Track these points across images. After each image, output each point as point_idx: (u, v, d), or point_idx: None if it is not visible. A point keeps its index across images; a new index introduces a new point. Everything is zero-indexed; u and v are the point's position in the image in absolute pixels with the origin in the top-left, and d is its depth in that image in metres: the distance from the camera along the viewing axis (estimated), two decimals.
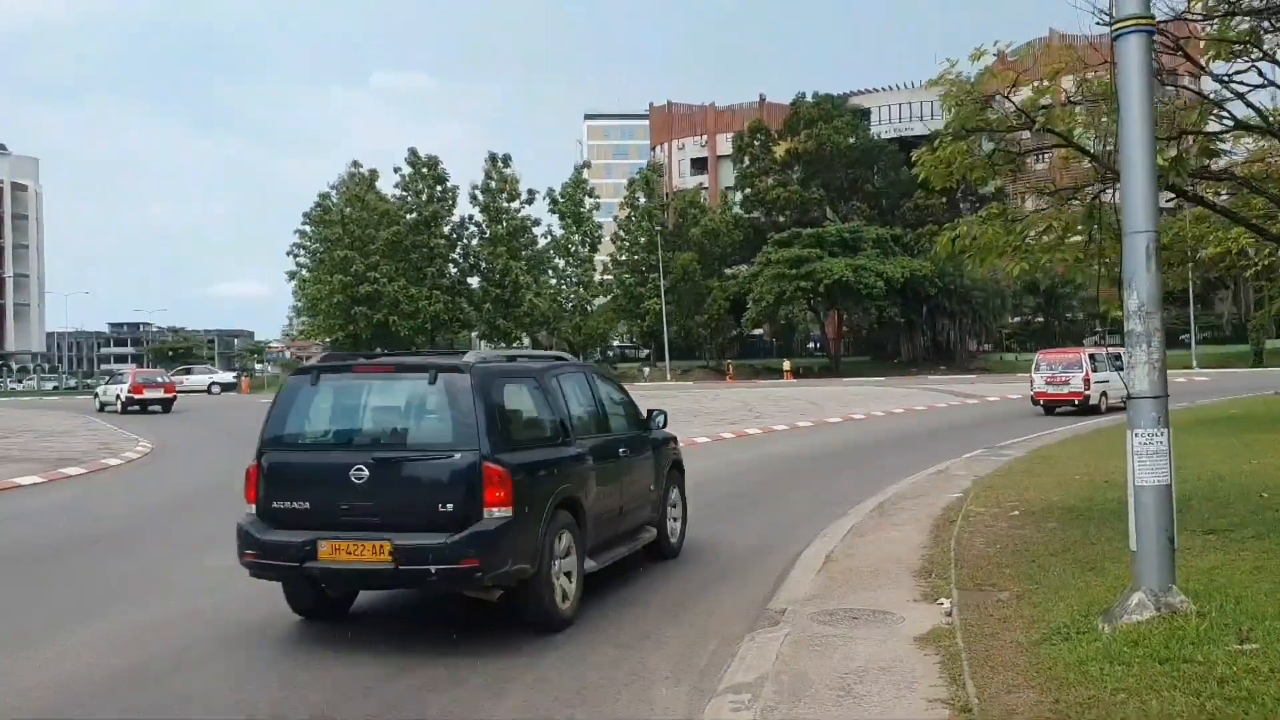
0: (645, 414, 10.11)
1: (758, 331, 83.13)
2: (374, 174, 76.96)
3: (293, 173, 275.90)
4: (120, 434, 27.81)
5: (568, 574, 7.43)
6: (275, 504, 7.19)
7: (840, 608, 7.51)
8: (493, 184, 74.72)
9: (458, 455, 6.88)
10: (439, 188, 75.24)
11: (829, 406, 31.69)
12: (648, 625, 7.60)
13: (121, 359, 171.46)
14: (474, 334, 76.84)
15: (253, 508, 7.27)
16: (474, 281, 77.23)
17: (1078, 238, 9.65)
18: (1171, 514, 5.76)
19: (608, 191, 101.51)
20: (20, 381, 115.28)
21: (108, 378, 46.83)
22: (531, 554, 6.95)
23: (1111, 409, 25.50)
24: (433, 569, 6.66)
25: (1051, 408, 28.13)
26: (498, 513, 6.75)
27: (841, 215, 73.26)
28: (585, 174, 77.53)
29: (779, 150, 77.76)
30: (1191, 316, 62.83)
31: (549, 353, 10.46)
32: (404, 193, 75.46)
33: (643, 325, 76.31)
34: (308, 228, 75.46)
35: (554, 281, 76.55)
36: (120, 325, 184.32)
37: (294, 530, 7.01)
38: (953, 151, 9.54)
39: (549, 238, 76.64)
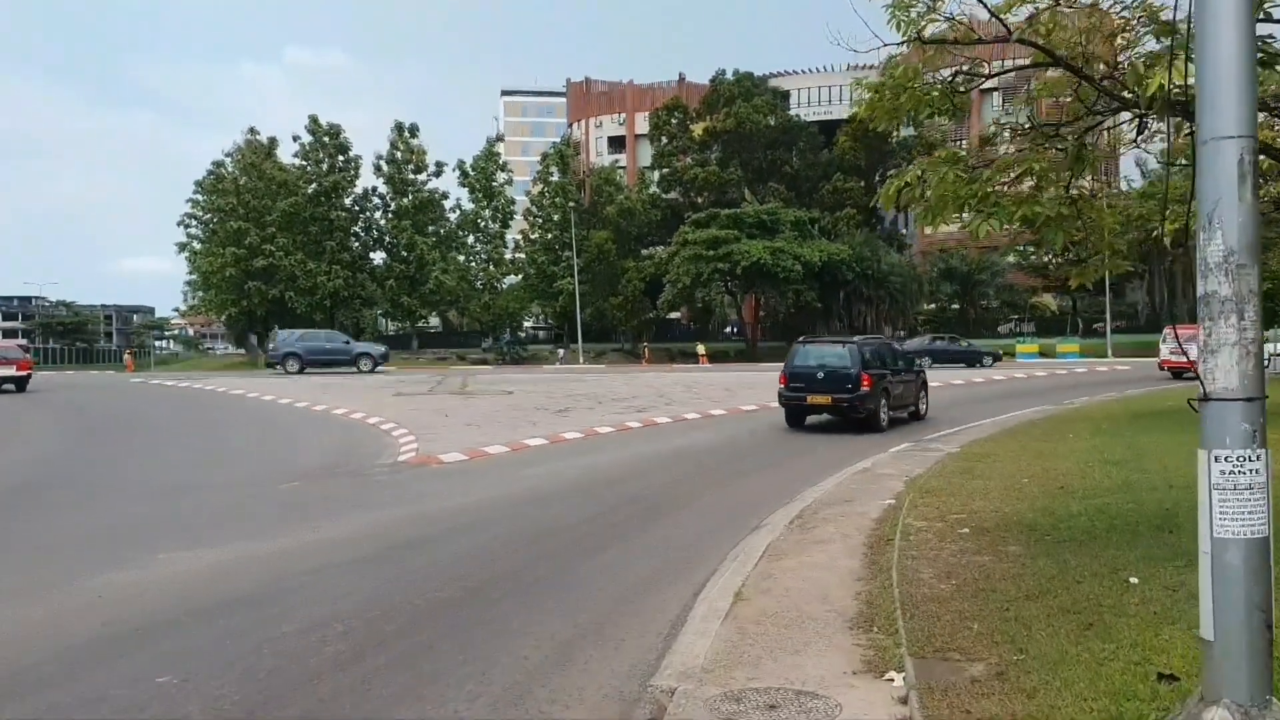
0: (915, 360, 24.80)
1: (675, 315, 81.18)
2: (273, 142, 72.99)
3: (202, 149, 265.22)
4: None
5: (884, 415, 20.24)
6: (791, 383, 20.43)
7: (751, 687, 5.36)
8: (399, 155, 71.37)
9: (852, 370, 19.71)
10: (341, 157, 71.58)
11: (744, 393, 29.74)
12: None
13: (11, 334, 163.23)
14: (378, 312, 73.47)
15: (782, 385, 20.69)
16: (378, 257, 73.86)
17: (1053, 193, 7.61)
18: (1269, 584, 3.68)
19: (524, 170, 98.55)
20: None
21: None
22: (875, 403, 19.86)
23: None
24: (845, 405, 19.77)
25: (1178, 374, 33.94)
26: (865, 389, 19.55)
27: (760, 197, 71.46)
28: (498, 147, 74.59)
29: (697, 129, 75.74)
30: (1107, 304, 62.60)
31: (878, 336, 27.19)
32: (304, 162, 71.63)
33: (556, 306, 73.78)
34: (200, 197, 71.23)
35: (463, 259, 73.50)
36: (10, 299, 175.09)
37: (796, 391, 20.28)
38: (903, 75, 7.44)
39: (458, 213, 73.62)
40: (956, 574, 7.54)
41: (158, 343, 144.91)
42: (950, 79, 7.62)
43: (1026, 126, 7.86)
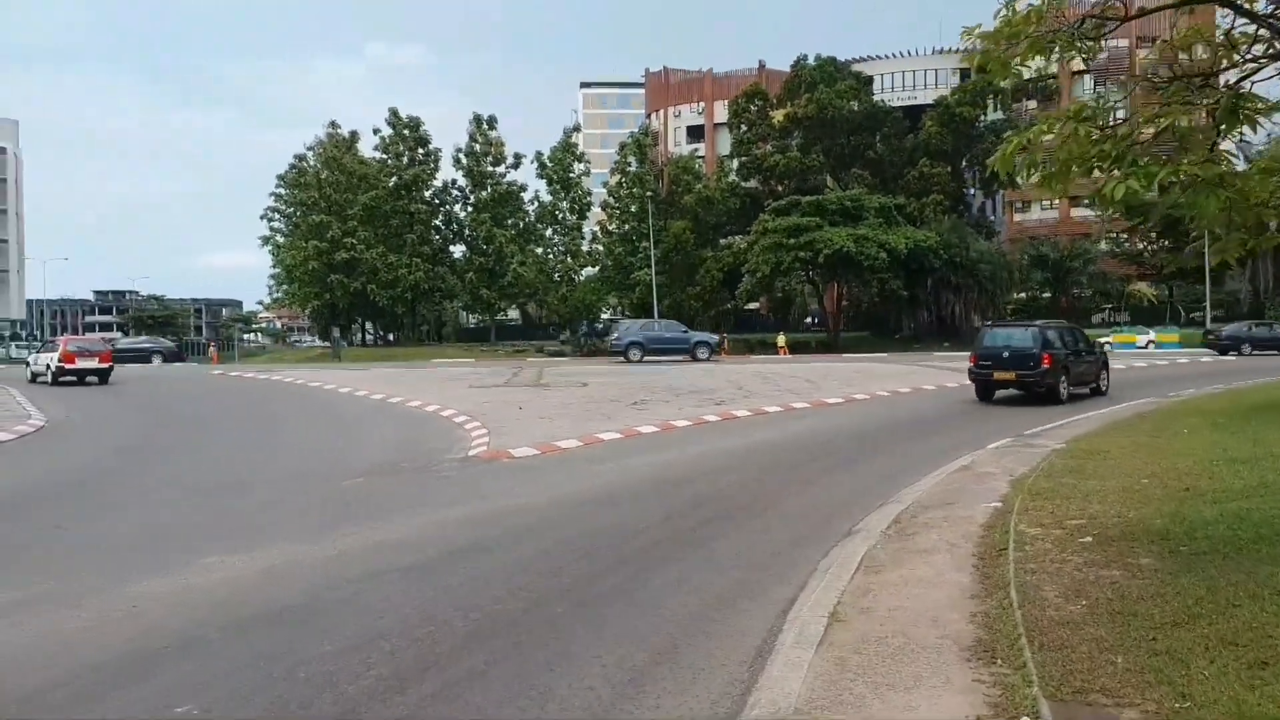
0: (1094, 342, 26.66)
1: (753, 305, 79.89)
2: (354, 136, 73.74)
3: (285, 146, 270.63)
4: (18, 408, 24.72)
5: (1064, 389, 22.98)
6: (980, 361, 23.48)
7: None
8: (477, 147, 71.36)
9: (1034, 350, 22.67)
10: (421, 150, 71.89)
11: (828, 385, 28.61)
12: None
13: (106, 327, 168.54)
14: (458, 305, 73.68)
15: (972, 364, 23.83)
16: (458, 250, 74.01)
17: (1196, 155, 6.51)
18: None
19: (603, 162, 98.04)
20: None
21: (39, 345, 43.63)
22: (1055, 379, 22.59)
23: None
24: (1028, 381, 22.65)
25: None
26: (1046, 366, 22.38)
27: (842, 183, 69.82)
28: (576, 138, 74.07)
29: (777, 116, 74.27)
30: (1207, 293, 59.74)
31: (1059, 321, 28.49)
32: (384, 155, 72.08)
33: (633, 297, 73.04)
34: (282, 191, 72.18)
35: (540, 251, 73.25)
36: (105, 293, 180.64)
37: (984, 368, 23.29)
38: (1022, 20, 6.43)
39: (536, 205, 73.36)
40: (1085, 592, 6.54)
41: (245, 336, 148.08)
42: (1079, 22, 6.56)
43: (1166, 78, 6.75)
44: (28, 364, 36.03)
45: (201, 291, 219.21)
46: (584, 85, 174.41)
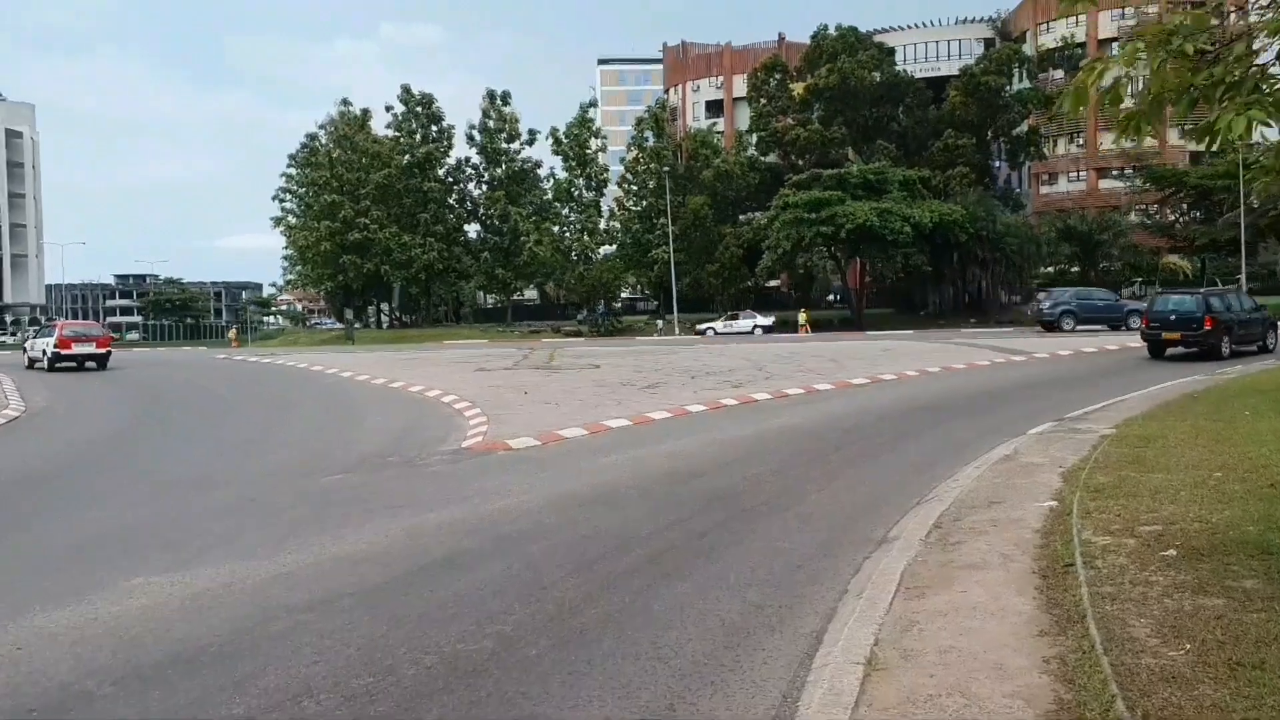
0: (1258, 305, 29.20)
1: (774, 282, 78.31)
2: (366, 114, 72.48)
3: (301, 126, 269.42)
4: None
5: (1226, 348, 26.01)
6: (1150, 324, 26.90)
7: None
8: (491, 123, 69.99)
9: (1197, 313, 25.74)
10: (434, 128, 70.61)
11: (852, 365, 27.25)
12: None
13: (127, 311, 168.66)
14: (473, 285, 72.54)
15: (1143, 325, 27.54)
16: (472, 229, 72.79)
17: None
18: None
19: (622, 140, 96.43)
20: (13, 335, 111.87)
21: (35, 330, 42.78)
22: (1216, 339, 25.74)
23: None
24: (1191, 339, 25.82)
25: None
26: (1208, 328, 25.45)
27: (865, 157, 68.04)
28: (592, 113, 72.51)
29: (797, 89, 72.45)
30: (1243, 265, 57.77)
31: (1229, 286, 38.30)
32: (396, 134, 70.84)
33: (651, 275, 71.69)
34: (294, 170, 71.11)
35: (557, 229, 71.85)
36: (126, 278, 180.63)
37: (1154, 329, 26.55)
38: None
39: (552, 181, 71.97)
40: (1186, 630, 5.23)
41: (266, 318, 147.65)
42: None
43: None
44: (25, 349, 35.16)
45: (222, 274, 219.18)
46: (601, 62, 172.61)
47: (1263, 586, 5.87)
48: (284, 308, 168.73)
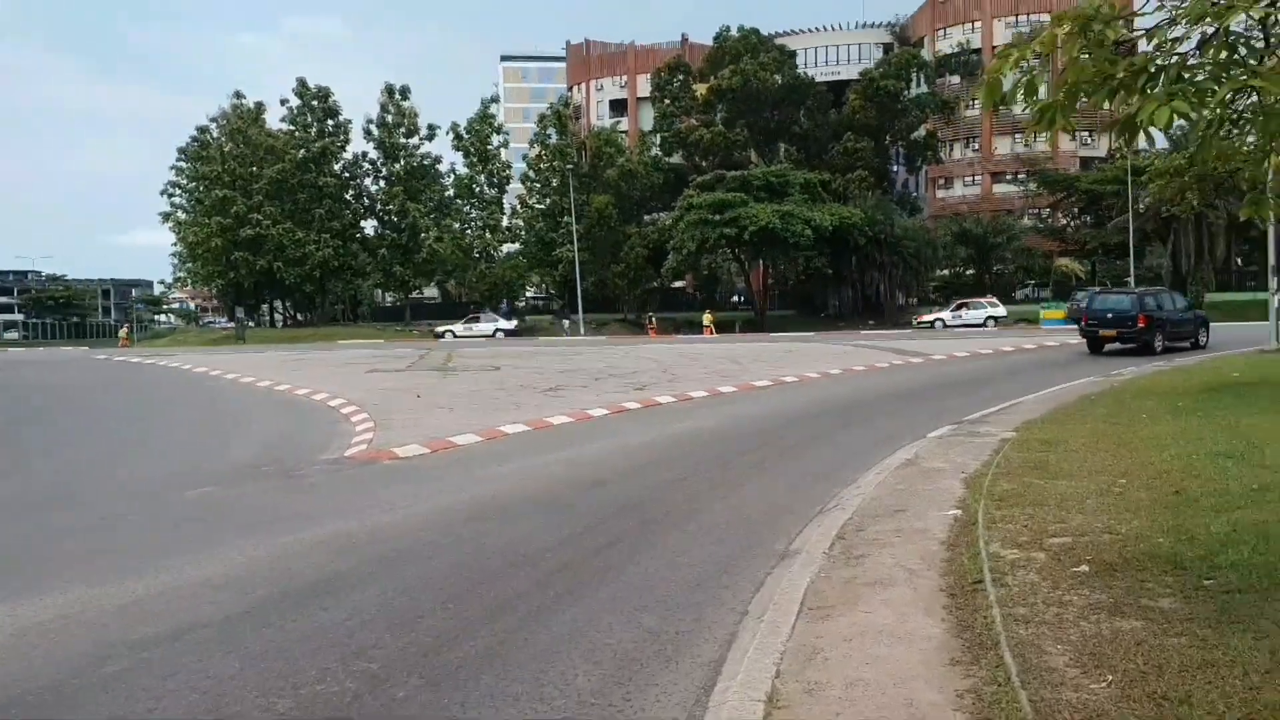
0: (1191, 305, 33.25)
1: (680, 284, 78.30)
2: (260, 107, 70.13)
3: (202, 121, 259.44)
4: None
5: (1159, 344, 27.75)
6: (1089, 321, 28.75)
7: None
8: (389, 118, 68.34)
9: (1131, 312, 27.68)
10: (330, 122, 68.68)
11: (755, 367, 27.06)
12: None
13: (6, 309, 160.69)
14: (369, 283, 70.75)
15: (1082, 323, 29.35)
16: (370, 226, 71.04)
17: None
18: None
19: (526, 137, 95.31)
20: None
21: None
22: (1150, 336, 27.49)
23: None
24: (1126, 336, 27.70)
25: None
26: (1142, 325, 27.39)
27: (767, 159, 68.47)
28: (494, 109, 71.40)
29: (700, 89, 72.52)
30: (1132, 268, 59.65)
31: (1158, 287, 37.08)
32: (291, 127, 68.72)
33: (555, 275, 70.93)
34: (184, 165, 68.39)
35: (457, 226, 70.47)
36: (5, 274, 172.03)
37: (1093, 326, 28.56)
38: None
39: (452, 177, 70.63)
40: (1105, 658, 4.89)
41: (158, 317, 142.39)
42: None
43: None
44: None
45: (115, 272, 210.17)
46: (504, 59, 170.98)
47: (1180, 606, 5.59)
48: (177, 306, 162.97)
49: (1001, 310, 57.49)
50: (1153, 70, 4.53)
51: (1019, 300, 70.67)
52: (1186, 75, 4.50)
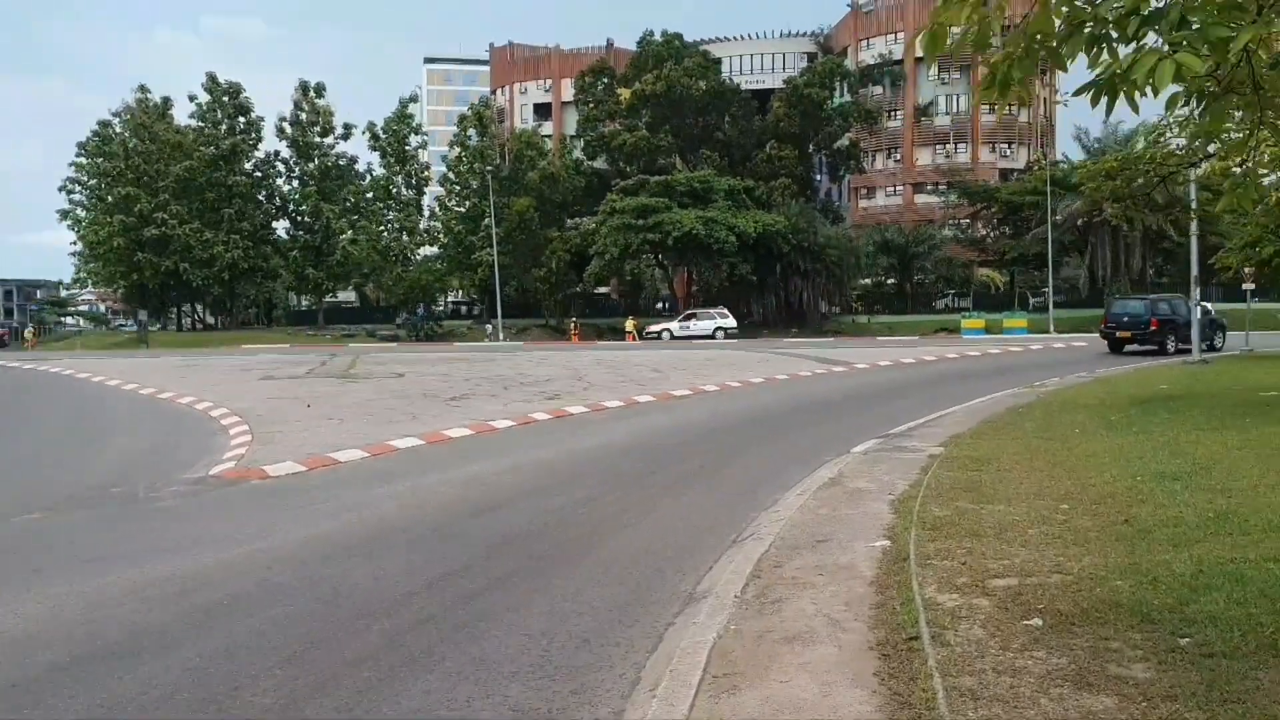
0: (1208, 310, 32.28)
1: (604, 289, 77.13)
2: (167, 102, 67.40)
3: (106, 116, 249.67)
4: None
5: (1171, 345, 31.04)
6: (1108, 324, 32.63)
7: None
8: (303, 116, 66.10)
9: (1145, 316, 31.60)
10: (241, 119, 66.19)
11: (675, 375, 26.05)
12: None
13: None
14: (281, 285, 68.27)
15: (1103, 325, 33.14)
16: (281, 227, 68.67)
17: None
18: None
19: (449, 139, 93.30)
20: None
21: None
22: (1161, 337, 31.24)
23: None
24: (1141, 337, 31.41)
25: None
26: (1154, 328, 31.24)
27: (691, 165, 67.64)
28: (413, 108, 69.52)
29: (624, 94, 71.52)
30: (1050, 279, 60.17)
31: (1172, 294, 37.00)
32: (200, 124, 66.09)
33: (475, 279, 69.23)
34: (84, 160, 65.26)
35: (375, 228, 68.34)
36: None
37: (1111, 328, 32.43)
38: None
39: (369, 178, 68.54)
40: None
41: (65, 319, 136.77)
42: None
43: None
44: None
45: (20, 272, 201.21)
46: (428, 61, 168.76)
47: (1156, 676, 4.61)
48: (86, 308, 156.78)
49: (731, 321, 57.11)
50: (1147, 13, 3.52)
51: (940, 310, 71.00)
52: (1196, 20, 3.50)
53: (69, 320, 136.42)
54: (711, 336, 54.92)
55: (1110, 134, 67.46)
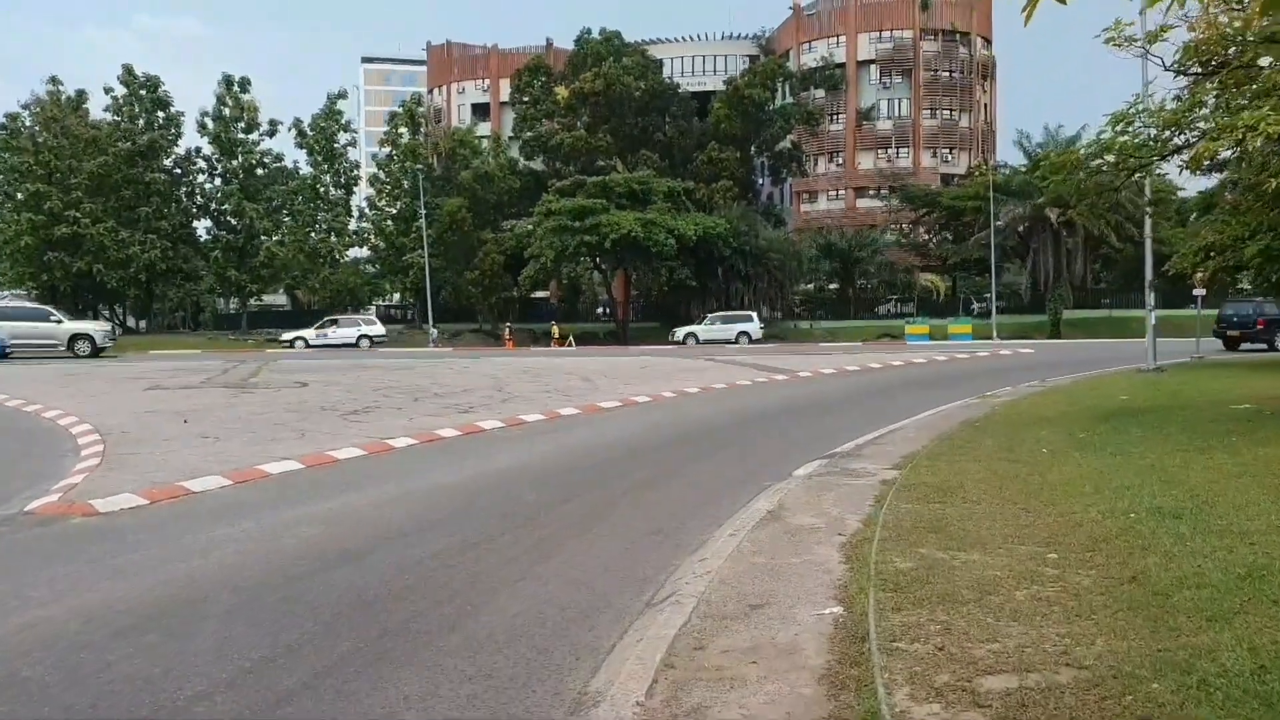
0: None
1: (543, 293, 75.14)
2: (81, 95, 64.05)
3: (12, 108, 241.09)
4: None
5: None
6: (1220, 324, 36.10)
7: None
8: (226, 111, 63.25)
9: (1252, 316, 35.67)
10: (160, 114, 63.17)
11: (605, 384, 24.28)
12: None
13: None
14: (202, 288, 65.16)
15: (1216, 327, 36.51)
16: (202, 226, 65.68)
17: None
18: None
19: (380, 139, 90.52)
20: None
21: None
22: (1270, 335, 35.12)
23: None
24: (1251, 336, 35.23)
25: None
26: (1260, 328, 35.34)
27: (630, 166, 66.01)
28: (341, 104, 66.94)
29: (561, 93, 69.67)
30: (993, 284, 59.53)
31: (1264, 299, 36.79)
32: (116, 118, 62.93)
33: (406, 281, 66.84)
34: None
35: (304, 228, 65.53)
36: None
37: (1223, 327, 36.22)
38: None
39: (296, 177, 65.80)
40: None
41: None
42: None
43: None
44: None
45: None
46: (365, 60, 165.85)
47: None
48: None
49: (379, 329, 54.99)
50: None
51: (883, 315, 70.16)
52: None
53: None
54: (356, 345, 50.86)
55: (1051, 138, 67.00)
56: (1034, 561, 6.97)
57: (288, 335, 53.83)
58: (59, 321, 39.48)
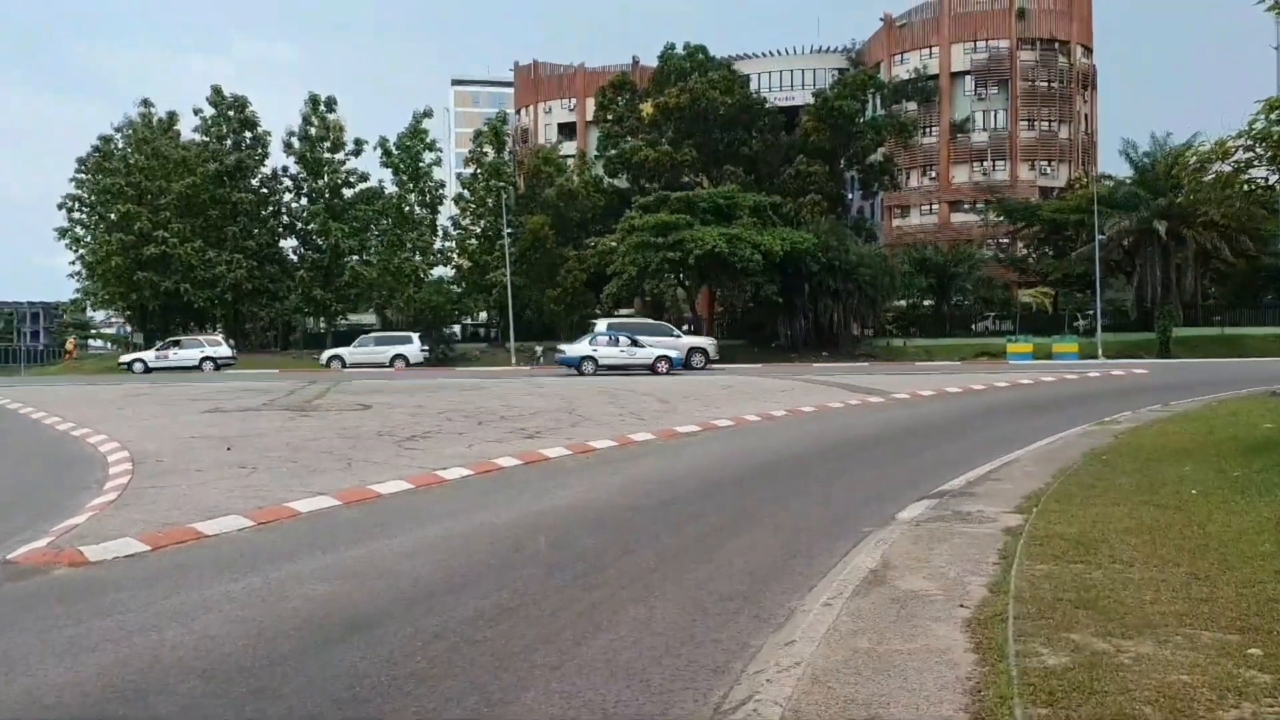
0: None
1: (626, 311, 73.89)
2: (172, 117, 65.08)
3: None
4: None
5: None
6: None
7: None
8: (313, 131, 63.47)
9: None
10: (248, 134, 63.73)
11: (685, 407, 22.69)
12: None
13: None
14: (288, 307, 65.24)
15: None
16: (289, 245, 66.01)
17: None
18: None
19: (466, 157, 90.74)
20: None
21: None
22: None
23: None
24: None
25: None
26: None
27: (715, 181, 64.31)
28: (426, 124, 66.61)
29: (646, 109, 68.41)
30: (1097, 301, 56.36)
31: None
32: (205, 138, 63.66)
33: (490, 299, 66.16)
34: (84, 176, 62.81)
35: (388, 248, 65.33)
36: None
37: None
38: None
39: (382, 198, 65.72)
40: None
41: (91, 340, 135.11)
42: None
43: None
44: None
45: (47, 295, 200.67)
46: (455, 83, 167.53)
47: None
48: (113, 330, 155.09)
49: (225, 350, 51.51)
50: None
51: (978, 333, 67.16)
52: None
53: (95, 342, 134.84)
54: (199, 367, 48.66)
55: (1159, 147, 63.26)
56: (1230, 660, 5.21)
57: (126, 358, 52.97)
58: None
